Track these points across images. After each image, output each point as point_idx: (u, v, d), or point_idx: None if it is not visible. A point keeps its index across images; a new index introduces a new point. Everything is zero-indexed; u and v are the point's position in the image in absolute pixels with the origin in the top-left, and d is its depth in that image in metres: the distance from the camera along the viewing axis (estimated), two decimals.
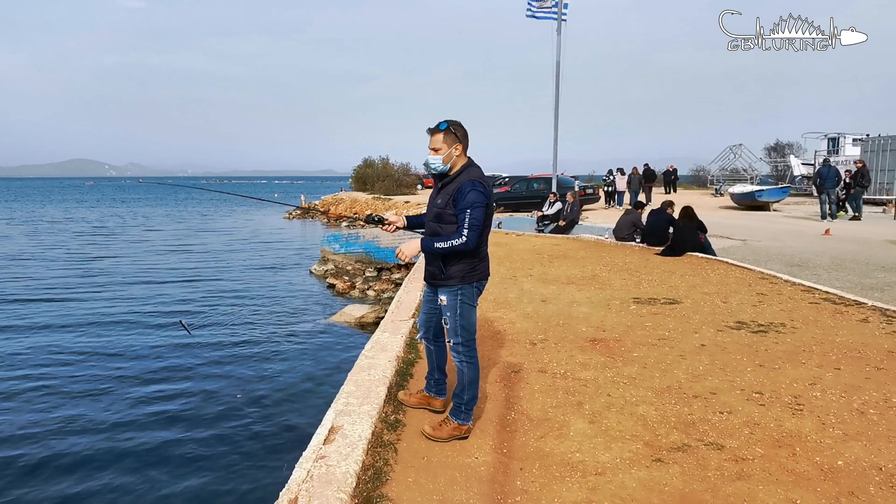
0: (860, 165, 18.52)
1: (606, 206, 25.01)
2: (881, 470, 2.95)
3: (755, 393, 3.95)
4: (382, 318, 6.15)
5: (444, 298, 3.30)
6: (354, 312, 10.01)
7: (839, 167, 20.02)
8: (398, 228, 3.51)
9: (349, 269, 14.31)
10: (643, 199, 20.74)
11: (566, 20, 18.57)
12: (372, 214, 3.62)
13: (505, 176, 33.21)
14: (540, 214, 16.91)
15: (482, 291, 3.39)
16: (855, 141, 28.26)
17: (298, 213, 36.90)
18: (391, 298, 8.78)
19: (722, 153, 39.03)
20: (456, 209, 3.14)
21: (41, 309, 11.19)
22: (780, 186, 26.56)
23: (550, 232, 15.10)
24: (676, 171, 32.12)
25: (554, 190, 18.37)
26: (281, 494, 2.62)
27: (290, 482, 2.71)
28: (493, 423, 3.58)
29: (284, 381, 7.32)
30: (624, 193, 24.07)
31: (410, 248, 3.21)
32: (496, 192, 24.47)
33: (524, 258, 10.07)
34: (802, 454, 3.12)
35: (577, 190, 20.37)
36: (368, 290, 12.43)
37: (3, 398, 6.80)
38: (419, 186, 40.05)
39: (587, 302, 6.68)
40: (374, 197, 32.57)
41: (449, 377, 3.73)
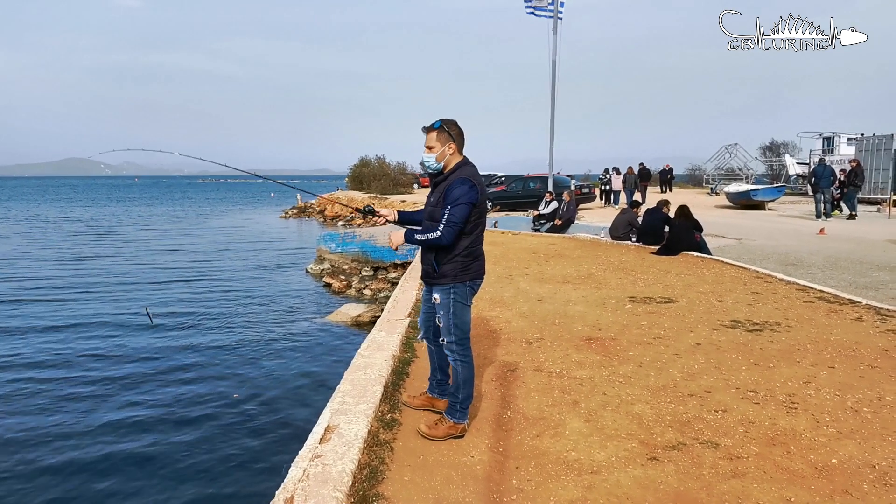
0: (855, 164, 18.59)
1: (602, 204, 25.05)
2: (875, 468, 2.97)
3: (750, 391, 3.97)
4: (379, 317, 6.15)
5: (437, 297, 3.32)
6: (350, 311, 10.01)
7: (834, 166, 20.10)
8: (388, 222, 3.52)
9: (345, 268, 14.30)
10: (638, 198, 20.79)
11: (562, 18, 18.60)
12: (366, 206, 3.62)
13: (501, 175, 33.23)
14: (536, 213, 16.92)
15: (477, 291, 3.40)
16: (850, 140, 28.37)
17: (294, 212, 36.88)
18: (387, 298, 8.78)
19: (717, 152, 39.21)
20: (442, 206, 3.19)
21: (34, 310, 11.12)
22: (775, 186, 26.66)
23: (547, 231, 15.12)
24: (672, 170, 32.23)
25: (550, 189, 18.39)
26: (277, 493, 2.63)
27: (286, 481, 2.71)
28: (488, 421, 3.59)
29: (280, 380, 7.31)
30: (620, 192, 24.11)
31: (397, 235, 3.29)
32: (493, 191, 24.47)
33: (520, 257, 10.08)
34: (797, 452, 3.14)
35: (573, 189, 20.40)
36: (365, 289, 12.42)
37: None
38: (415, 186, 40.03)
39: (583, 301, 6.70)
40: (370, 196, 32.57)
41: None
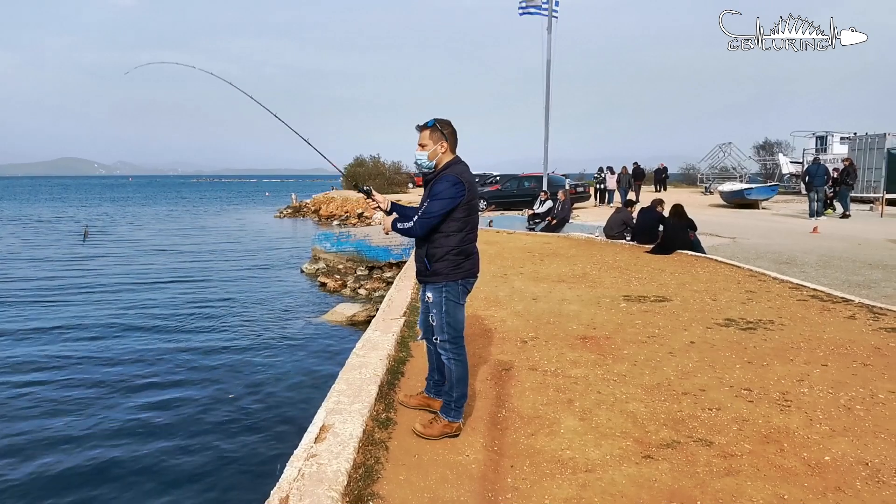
0: (847, 163, 18.67)
1: (597, 203, 25.10)
2: (867, 465, 2.99)
3: (744, 389, 3.98)
4: (374, 316, 6.14)
5: (430, 295, 3.34)
6: (345, 311, 9.99)
7: (828, 165, 20.19)
8: (379, 208, 3.51)
9: (340, 267, 14.27)
10: (633, 197, 20.85)
11: (557, 17, 18.62)
12: (367, 186, 3.61)
13: (496, 174, 33.26)
14: (531, 213, 16.95)
15: (470, 290, 3.40)
16: (842, 139, 28.50)
17: (289, 211, 36.80)
18: (382, 297, 8.77)
19: (711, 151, 39.37)
20: None
21: (26, 313, 10.98)
22: (768, 185, 26.77)
23: (541, 230, 15.14)
24: (667, 169, 32.33)
25: (545, 188, 18.41)
26: (272, 493, 2.62)
27: (281, 481, 2.71)
28: (483, 420, 3.59)
29: (275, 379, 7.29)
30: (614, 192, 24.17)
31: (387, 221, 3.38)
32: (488, 190, 24.48)
33: (515, 256, 10.09)
34: (790, 450, 3.15)
35: (568, 188, 20.44)
36: (360, 288, 12.40)
37: None
38: (410, 185, 40.02)
39: (578, 300, 6.71)
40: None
41: None
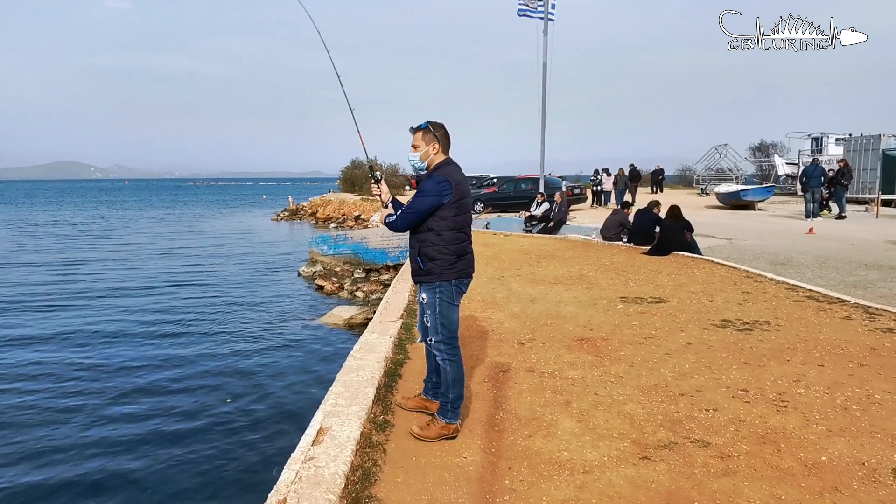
0: (843, 164, 18.72)
1: (593, 205, 25.13)
2: (864, 465, 3.00)
3: (740, 390, 3.99)
4: (371, 319, 6.14)
5: (424, 296, 3.35)
6: (343, 314, 9.98)
7: (823, 166, 20.25)
8: (379, 196, 3.53)
9: (337, 270, 14.26)
10: (629, 198, 20.88)
11: (553, 20, 18.66)
12: (379, 172, 3.61)
13: (493, 176, 33.29)
14: (528, 215, 16.96)
15: (464, 290, 3.41)
16: (838, 141, 28.60)
17: (286, 214, 36.79)
18: (380, 300, 8.77)
19: (707, 153, 39.47)
20: None
21: (20, 319, 10.88)
22: (764, 186, 26.83)
23: (538, 232, 15.15)
24: (663, 171, 32.42)
25: (542, 190, 18.43)
26: (270, 496, 2.62)
27: (278, 483, 2.70)
28: (481, 422, 3.59)
29: (272, 382, 7.28)
30: (611, 193, 24.20)
31: (382, 212, 3.45)
32: (484, 192, 24.49)
33: (512, 258, 10.10)
34: (787, 450, 3.16)
35: (564, 190, 20.46)
36: (357, 291, 12.40)
37: None
38: (407, 188, 40.04)
39: (574, 301, 6.72)
40: (362, 198, 32.48)
41: None
